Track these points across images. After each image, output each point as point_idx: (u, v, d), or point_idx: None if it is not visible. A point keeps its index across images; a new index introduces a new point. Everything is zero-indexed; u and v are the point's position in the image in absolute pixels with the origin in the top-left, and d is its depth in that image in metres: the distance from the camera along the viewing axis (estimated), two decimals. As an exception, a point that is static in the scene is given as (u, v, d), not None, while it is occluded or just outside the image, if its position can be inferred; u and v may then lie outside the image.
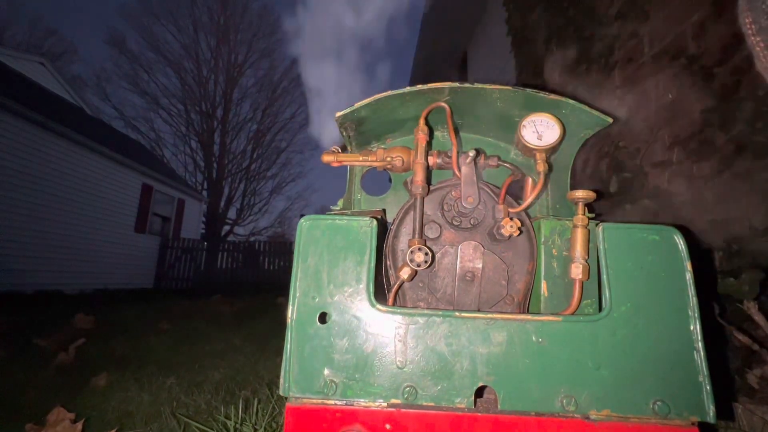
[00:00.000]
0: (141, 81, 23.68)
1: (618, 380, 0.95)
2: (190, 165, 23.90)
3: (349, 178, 1.55)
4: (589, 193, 1.08)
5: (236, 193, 24.65)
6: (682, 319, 0.97)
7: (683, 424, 0.92)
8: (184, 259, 14.70)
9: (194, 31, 24.08)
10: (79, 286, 11.00)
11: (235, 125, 24.90)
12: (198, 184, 23.44)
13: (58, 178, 10.52)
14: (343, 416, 0.97)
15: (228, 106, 24.53)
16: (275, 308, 7.08)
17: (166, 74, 24.12)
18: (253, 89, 25.76)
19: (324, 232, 1.09)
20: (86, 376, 3.06)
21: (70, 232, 10.92)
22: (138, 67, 23.68)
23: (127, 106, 23.94)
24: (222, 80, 24.65)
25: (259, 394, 2.60)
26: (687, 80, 2.37)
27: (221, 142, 24.15)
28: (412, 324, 1.02)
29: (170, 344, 4.36)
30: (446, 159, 1.31)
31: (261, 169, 25.70)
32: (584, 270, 1.07)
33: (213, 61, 24.51)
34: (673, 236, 1.03)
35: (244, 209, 25.11)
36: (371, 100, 1.25)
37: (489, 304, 1.20)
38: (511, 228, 1.12)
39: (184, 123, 23.88)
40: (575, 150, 1.36)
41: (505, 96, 1.28)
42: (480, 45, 7.59)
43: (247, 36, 25.20)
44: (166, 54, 23.69)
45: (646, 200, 2.59)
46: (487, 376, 0.97)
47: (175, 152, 24.14)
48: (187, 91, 23.93)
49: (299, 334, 1.02)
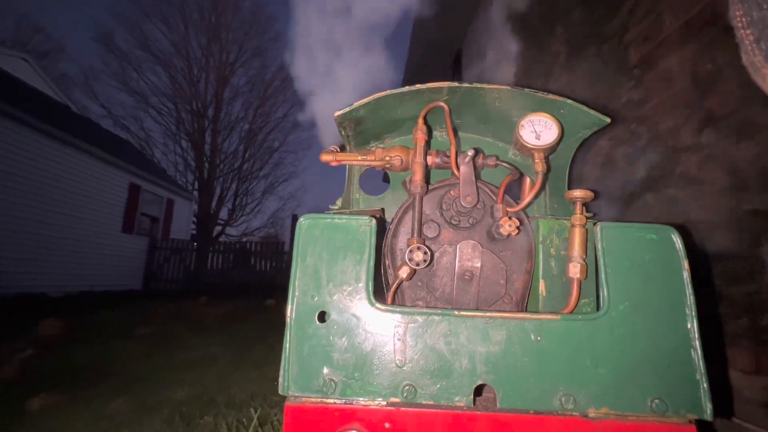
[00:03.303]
0: (130, 79, 23.50)
1: (616, 378, 0.97)
2: (181, 165, 23.78)
3: (347, 177, 1.57)
4: (586, 192, 1.11)
5: (228, 193, 24.57)
6: (680, 317, 1.00)
7: (681, 422, 0.95)
8: (173, 260, 14.56)
9: (185, 29, 24.01)
10: (64, 288, 10.78)
11: (226, 125, 24.82)
12: (189, 184, 23.31)
13: (40, 177, 10.14)
14: (342, 415, 0.99)
15: (219, 105, 24.44)
16: (263, 310, 6.88)
17: (155, 73, 23.90)
18: (244, 88, 25.74)
19: (323, 232, 1.11)
20: (24, 395, 2.63)
21: (54, 233, 10.70)
22: (127, 65, 23.54)
23: (116, 105, 23.77)
24: (213, 79, 24.57)
25: (226, 419, 2.28)
26: (720, 53, 2.11)
27: (212, 142, 24.06)
28: (411, 323, 1.04)
29: (140, 352, 4.08)
30: (445, 158, 1.34)
31: (253, 169, 25.66)
32: (582, 269, 1.09)
33: (204, 60, 24.42)
34: (670, 235, 1.06)
35: (236, 210, 25.04)
36: (370, 99, 1.27)
37: (487, 303, 1.22)
38: (510, 227, 1.15)
39: (175, 122, 23.74)
40: (573, 150, 1.39)
41: (503, 96, 1.31)
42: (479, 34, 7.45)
43: (238, 34, 25.18)
44: (155, 52, 23.59)
45: (671, 189, 2.40)
46: (486, 375, 1.00)
47: (166, 152, 24.01)
48: (178, 89, 23.80)
49: (298, 333, 1.04)
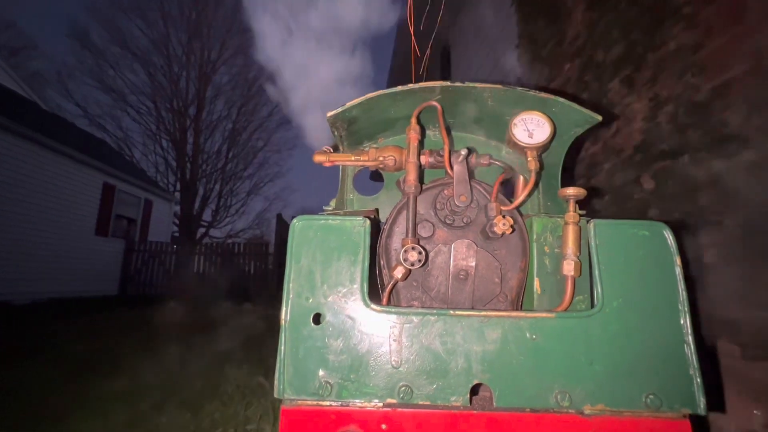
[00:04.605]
0: (107, 77, 22.98)
1: (611, 375, 0.99)
2: (162, 165, 23.38)
3: (341, 178, 1.57)
4: (579, 190, 1.13)
5: (211, 194, 24.24)
6: (673, 313, 1.02)
7: (675, 417, 0.97)
8: (151, 263, 14.03)
9: (164, 25, 23.60)
10: (31, 295, 10.21)
11: (209, 124, 24.47)
12: (170, 185, 22.92)
13: (3, 176, 9.64)
14: (338, 417, 0.99)
15: (201, 104, 24.05)
16: (238, 316, 6.25)
17: (134, 70, 23.39)
18: (227, 86, 25.40)
19: (317, 233, 1.11)
20: None
21: (20, 236, 10.13)
22: (103, 62, 22.97)
23: (92, 104, 23.06)
24: (194, 77, 24.18)
25: None
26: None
27: (195, 142, 23.68)
28: (406, 323, 1.05)
29: (50, 382, 3.36)
30: (438, 158, 1.35)
31: (237, 169, 25.32)
32: (576, 267, 1.11)
33: (185, 58, 24.03)
34: (662, 231, 1.08)
35: (220, 211, 24.72)
36: (362, 99, 1.27)
37: (483, 302, 1.23)
38: (504, 226, 1.16)
39: (155, 121, 23.32)
40: (566, 148, 1.41)
41: (495, 94, 1.32)
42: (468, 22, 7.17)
43: (220, 32, 24.82)
44: (133, 49, 23.09)
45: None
46: (482, 374, 1.01)
47: (146, 152, 23.55)
48: (157, 88, 23.37)
49: (293, 335, 1.04)
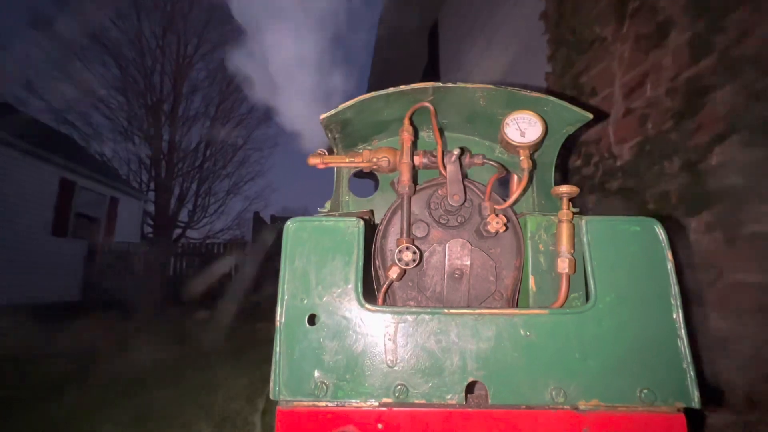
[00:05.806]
0: (73, 69, 22.11)
1: (605, 370, 1.02)
2: (134, 163, 22.73)
3: (336, 180, 1.58)
4: (572, 188, 1.15)
5: (188, 193, 23.68)
6: (665, 307, 1.05)
7: (669, 411, 1.00)
8: (117, 266, 13.09)
9: (137, 16, 22.94)
10: None
11: (185, 120, 23.89)
12: (144, 183, 22.33)
13: None
14: (334, 417, 0.99)
15: (177, 100, 23.48)
16: (195, 327, 5.37)
17: (104, 63, 22.55)
18: (205, 82, 24.85)
19: (311, 234, 1.11)
20: None
21: None
22: (71, 54, 22.12)
23: (58, 98, 22.14)
24: (170, 71, 23.58)
25: None
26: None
27: (170, 139, 23.08)
28: (401, 322, 1.05)
29: None
30: (432, 158, 1.36)
31: (215, 168, 24.80)
32: (570, 264, 1.14)
33: (159, 51, 23.41)
34: (653, 227, 1.11)
35: (198, 210, 24.18)
36: (355, 101, 1.28)
37: (478, 301, 1.25)
38: (498, 224, 1.18)
39: (126, 117, 22.61)
40: (558, 146, 1.44)
41: (487, 94, 1.34)
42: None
43: (197, 25, 24.27)
44: (104, 41, 22.32)
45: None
46: (477, 372, 1.02)
47: (116, 149, 22.82)
48: (130, 82, 22.67)
49: (288, 336, 1.03)
